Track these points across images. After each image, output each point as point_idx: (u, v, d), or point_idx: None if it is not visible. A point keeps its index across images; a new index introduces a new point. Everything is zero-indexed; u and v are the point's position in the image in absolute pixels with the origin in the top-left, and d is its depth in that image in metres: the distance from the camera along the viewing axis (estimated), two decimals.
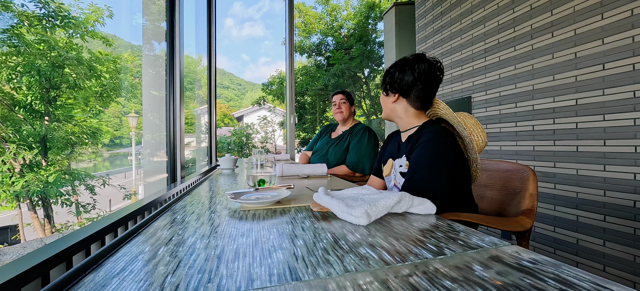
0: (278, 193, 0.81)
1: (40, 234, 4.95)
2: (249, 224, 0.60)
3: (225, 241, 0.50)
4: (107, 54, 6.02)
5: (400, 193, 0.63)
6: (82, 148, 5.82)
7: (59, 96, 5.25)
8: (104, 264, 0.42)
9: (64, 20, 4.89)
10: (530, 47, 2.29)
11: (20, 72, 4.82)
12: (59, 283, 0.36)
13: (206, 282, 0.36)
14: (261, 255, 0.44)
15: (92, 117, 6.24)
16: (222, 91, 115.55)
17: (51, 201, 5.06)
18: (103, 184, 6.04)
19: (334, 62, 8.09)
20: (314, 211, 0.67)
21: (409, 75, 1.01)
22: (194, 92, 3.59)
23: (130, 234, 0.55)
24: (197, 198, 0.92)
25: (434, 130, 0.97)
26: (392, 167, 1.14)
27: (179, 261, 0.43)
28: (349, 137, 2.24)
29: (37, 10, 4.66)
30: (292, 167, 1.39)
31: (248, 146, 6.70)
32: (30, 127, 4.94)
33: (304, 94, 8.48)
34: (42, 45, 4.71)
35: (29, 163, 4.84)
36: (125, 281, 0.36)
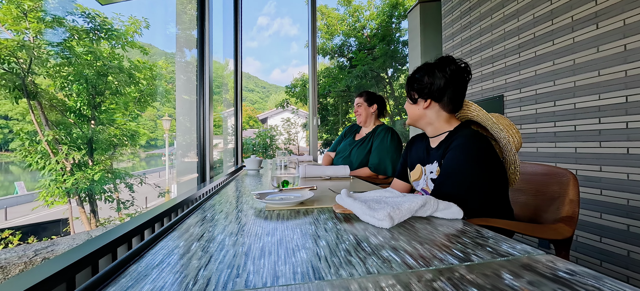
0: (301, 194, 0.83)
1: (87, 228, 5.45)
2: (273, 224, 0.62)
3: (251, 240, 0.53)
4: (144, 62, 6.49)
5: (425, 196, 0.62)
6: (122, 149, 6.33)
7: (103, 101, 5.75)
8: (145, 256, 0.46)
9: (107, 33, 5.36)
10: (571, 40, 2.11)
11: (71, 80, 5.35)
12: (106, 272, 0.40)
13: (235, 277, 0.38)
14: (286, 253, 0.46)
15: (131, 120, 6.75)
16: (247, 94, 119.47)
17: (96, 197, 5.55)
18: (140, 182, 6.51)
19: (356, 63, 8.04)
20: (337, 212, 0.67)
21: (439, 78, 0.97)
22: (222, 95, 3.76)
23: (166, 229, 0.60)
24: (225, 197, 0.96)
25: (467, 134, 0.93)
26: (422, 173, 1.11)
27: (210, 256, 0.45)
28: (371, 138, 2.22)
29: (85, 25, 5.15)
30: (315, 168, 1.40)
31: (272, 147, 6.87)
32: (79, 130, 5.46)
33: (326, 96, 8.51)
34: (89, 56, 5.20)
35: (78, 163, 5.35)
36: (163, 272, 0.40)
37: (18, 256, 2.07)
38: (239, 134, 3.55)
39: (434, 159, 1.03)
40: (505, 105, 2.74)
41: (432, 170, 1.02)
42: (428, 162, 1.07)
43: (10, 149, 5.43)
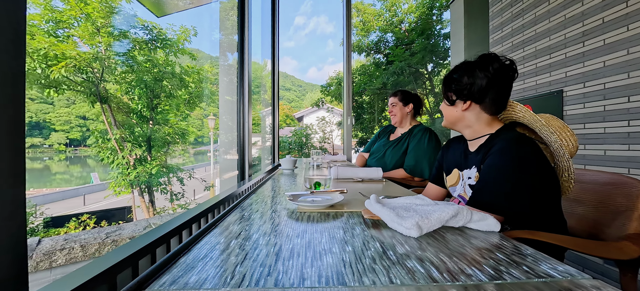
0: (332, 197, 0.85)
1: (146, 216, 6.18)
2: (304, 226, 0.66)
3: (282, 240, 0.57)
4: (193, 67, 7.08)
5: (457, 206, 0.60)
6: (174, 146, 7.01)
7: (159, 103, 6.43)
8: (192, 250, 0.53)
9: (162, 42, 5.97)
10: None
11: (133, 86, 6.09)
12: (162, 262, 0.47)
13: (266, 275, 0.42)
14: (313, 256, 0.48)
15: (181, 120, 7.44)
16: (284, 92, 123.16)
17: (153, 189, 6.26)
18: (189, 176, 7.15)
19: (393, 60, 7.78)
20: (365, 218, 0.68)
21: (481, 78, 0.91)
22: (260, 95, 3.94)
23: (210, 226, 0.67)
24: (261, 196, 1.03)
25: (510, 137, 0.87)
26: (460, 178, 1.06)
27: (246, 254, 0.50)
28: (407, 139, 2.15)
29: (145, 36, 5.81)
30: (347, 170, 1.41)
31: (307, 145, 7.01)
32: (140, 129, 6.19)
33: (361, 94, 8.40)
34: (148, 64, 5.86)
35: (139, 158, 6.08)
36: (207, 265, 0.45)
37: (93, 237, 2.43)
38: (275, 132, 3.69)
39: (472, 164, 0.97)
40: (564, 101, 2.44)
41: (470, 176, 0.96)
42: (466, 167, 1.02)
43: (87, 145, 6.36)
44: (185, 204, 6.96)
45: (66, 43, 4.86)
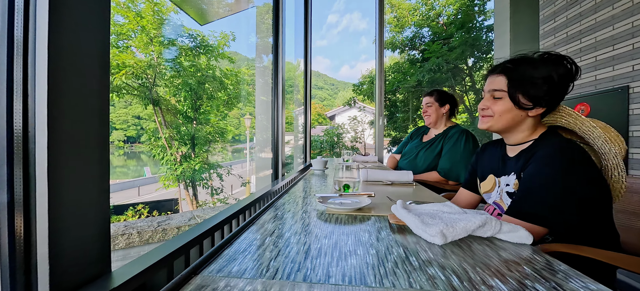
0: (359, 200, 0.88)
1: (190, 208, 6.74)
2: (331, 227, 0.70)
3: (311, 240, 0.62)
4: (231, 70, 7.52)
5: (485, 216, 0.59)
6: (214, 144, 7.53)
7: (202, 105, 6.96)
8: (233, 244, 0.61)
9: (205, 48, 6.45)
10: None
11: (179, 89, 6.66)
12: (210, 253, 0.55)
13: (296, 271, 0.47)
14: (338, 256, 0.52)
15: (221, 120, 7.95)
16: (316, 91, 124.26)
17: (196, 183, 6.81)
18: (227, 173, 7.62)
19: (429, 56, 7.43)
20: (391, 222, 0.71)
21: (553, 81, 0.83)
22: (294, 95, 4.05)
23: (248, 223, 0.74)
24: (293, 197, 1.10)
25: (555, 143, 0.81)
26: (495, 184, 1.02)
27: (279, 250, 0.56)
28: (442, 141, 2.08)
29: (190, 43, 6.33)
30: (377, 173, 1.43)
31: (338, 145, 7.03)
32: (185, 129, 6.77)
33: (395, 92, 8.18)
34: (192, 68, 6.39)
35: (184, 155, 6.65)
36: (246, 259, 0.52)
37: (148, 225, 2.73)
38: (308, 132, 3.78)
39: (511, 170, 0.93)
40: (630, 99, 2.16)
41: (508, 183, 0.92)
42: (503, 173, 0.97)
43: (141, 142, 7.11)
44: (224, 198, 7.44)
45: (126, 53, 5.53)
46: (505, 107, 0.91)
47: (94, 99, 0.46)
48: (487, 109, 0.96)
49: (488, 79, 0.98)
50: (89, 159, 0.45)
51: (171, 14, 6.00)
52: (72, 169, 0.43)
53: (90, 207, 0.47)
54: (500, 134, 1.00)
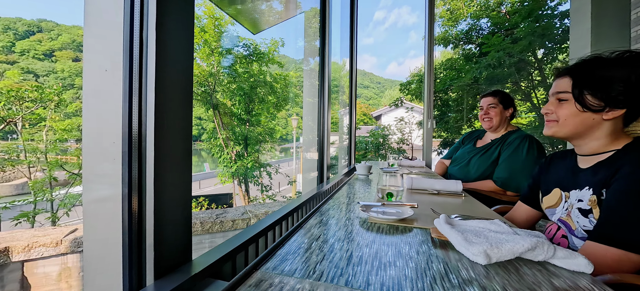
0: (402, 211, 0.90)
1: (243, 203, 7.34)
2: (373, 236, 0.74)
3: (353, 247, 0.67)
4: (280, 74, 7.94)
5: (536, 239, 0.56)
6: (264, 144, 8.05)
7: (253, 108, 7.52)
8: (285, 245, 0.69)
9: (257, 56, 6.95)
10: None
11: (235, 93, 7.28)
12: (267, 252, 0.64)
13: (339, 275, 0.53)
14: (378, 266, 0.57)
15: (270, 121, 8.45)
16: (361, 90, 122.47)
17: (248, 180, 7.38)
18: (276, 171, 8.07)
19: (488, 50, 6.75)
20: (433, 236, 0.71)
21: (620, 81, 0.75)
22: (338, 95, 4.09)
23: (297, 228, 0.83)
24: (337, 203, 1.16)
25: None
26: (561, 199, 0.93)
27: (324, 255, 0.63)
28: (499, 146, 1.92)
29: (244, 52, 6.89)
30: (422, 181, 1.40)
31: (384, 147, 6.87)
32: (239, 130, 7.39)
33: (446, 91, 7.63)
34: (246, 74, 6.95)
35: (238, 154, 7.26)
36: (295, 260, 0.60)
37: (208, 217, 3.08)
38: (352, 133, 3.79)
39: (585, 184, 0.83)
40: None
41: (582, 198, 0.83)
42: (574, 187, 0.88)
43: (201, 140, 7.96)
44: (272, 195, 7.91)
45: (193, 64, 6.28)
46: (570, 110, 0.83)
47: (182, 108, 0.58)
48: (551, 114, 0.88)
49: (554, 83, 0.91)
50: (179, 159, 0.58)
51: (228, 26, 6.63)
52: (168, 167, 0.56)
53: (179, 205, 0.59)
54: (569, 141, 0.90)
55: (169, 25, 0.54)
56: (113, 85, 0.54)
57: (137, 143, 0.54)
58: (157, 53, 0.52)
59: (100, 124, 0.56)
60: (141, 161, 0.54)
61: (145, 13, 0.52)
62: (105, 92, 0.55)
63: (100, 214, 0.56)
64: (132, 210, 0.53)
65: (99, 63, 0.55)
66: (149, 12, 0.52)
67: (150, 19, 0.52)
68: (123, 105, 0.54)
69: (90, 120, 0.57)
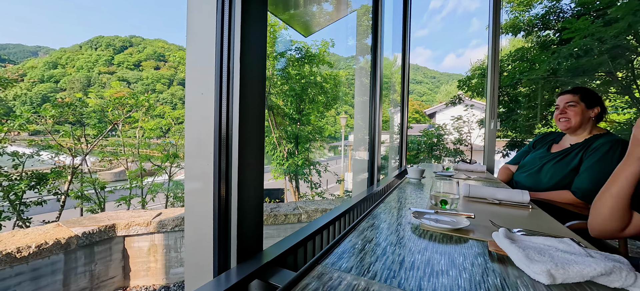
0: (457, 220, 0.88)
1: (294, 199, 7.72)
2: (425, 243, 0.76)
3: (405, 252, 0.70)
4: (330, 74, 8.08)
5: (612, 263, 0.52)
6: (314, 143, 8.31)
7: (304, 108, 7.82)
8: (340, 244, 0.76)
9: (308, 58, 7.21)
10: None
11: (287, 94, 7.68)
12: (325, 250, 0.72)
13: (391, 277, 0.57)
14: (430, 273, 0.59)
15: (319, 120, 8.66)
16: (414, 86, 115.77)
17: (299, 178, 7.73)
18: (325, 169, 8.27)
19: (570, 36, 5.74)
20: (490, 250, 0.70)
21: None
22: (390, 94, 3.97)
23: (351, 229, 0.89)
24: (389, 207, 1.18)
25: None
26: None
27: (377, 257, 0.68)
28: (581, 152, 1.68)
29: (296, 55, 7.21)
30: (482, 189, 1.32)
31: (439, 147, 6.43)
32: (290, 129, 7.77)
33: (516, 85, 6.75)
34: (297, 76, 7.28)
35: (289, 152, 7.65)
36: (350, 259, 0.66)
37: (264, 209, 3.33)
38: (404, 132, 3.67)
39: None
40: None
41: None
42: None
43: None
44: (321, 192, 8.12)
45: None
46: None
47: (258, 120, 0.70)
48: None
49: None
50: (256, 156, 0.70)
51: (282, 31, 7.03)
52: (248, 164, 0.68)
53: (256, 199, 0.71)
54: None
55: (248, 57, 0.65)
56: (207, 104, 0.68)
57: (225, 148, 0.67)
58: (241, 79, 0.64)
59: (198, 133, 0.71)
60: (228, 162, 0.67)
61: (232, 49, 0.65)
62: (202, 110, 0.70)
63: (196, 204, 0.71)
64: (221, 203, 0.66)
65: (197, 89, 0.69)
66: (234, 48, 0.64)
67: (235, 54, 0.64)
68: (214, 119, 0.67)
69: (191, 131, 0.72)
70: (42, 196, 3.92)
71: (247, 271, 0.61)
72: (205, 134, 0.69)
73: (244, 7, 0.64)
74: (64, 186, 4.24)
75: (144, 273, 2.89)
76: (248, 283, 0.61)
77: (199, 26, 0.70)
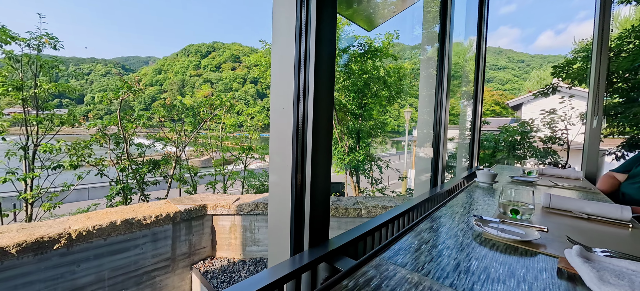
0: (524, 232, 0.85)
1: (354, 193, 7.83)
2: (485, 251, 0.77)
3: (462, 256, 0.73)
4: (394, 67, 7.79)
5: None
6: (376, 138, 8.20)
7: (366, 103, 7.78)
8: (398, 242, 0.83)
9: (371, 53, 7.11)
10: None
11: (349, 90, 7.75)
12: (383, 245, 0.81)
13: (444, 277, 0.63)
14: (485, 279, 0.62)
15: (382, 114, 8.48)
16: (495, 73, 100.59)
17: (359, 173, 7.78)
18: (386, 166, 8.10)
19: None
20: (560, 266, 0.67)
21: None
22: (461, 83, 3.58)
23: (408, 229, 0.95)
24: (451, 211, 1.18)
25: None
26: None
27: (432, 257, 0.73)
28: None
29: (359, 50, 7.20)
30: (567, 200, 1.18)
31: (523, 146, 5.53)
32: (352, 125, 7.84)
33: (636, 70, 5.27)
34: (360, 72, 7.27)
35: (350, 147, 7.74)
36: (406, 256, 0.73)
37: None
38: (477, 129, 3.33)
39: None
40: None
41: None
42: None
43: None
44: (382, 188, 8.00)
45: None
46: None
47: (326, 126, 0.82)
48: None
49: None
50: (325, 152, 0.83)
51: (345, 27, 7.10)
52: (319, 160, 0.81)
53: (324, 190, 0.84)
54: None
55: (320, 77, 0.78)
56: (287, 116, 0.84)
57: (302, 143, 0.81)
58: (315, 97, 0.77)
59: (280, 137, 0.88)
60: (304, 156, 0.81)
61: (308, 72, 0.78)
62: (283, 119, 0.86)
63: (278, 194, 0.89)
64: (297, 193, 0.81)
65: (279, 105, 0.86)
66: (309, 70, 0.78)
67: (310, 75, 0.78)
68: (293, 127, 0.83)
69: (274, 137, 0.89)
70: (156, 178, 5.01)
71: (317, 254, 0.75)
72: (286, 138, 0.84)
73: (319, 10, 0.76)
74: (170, 171, 5.32)
75: (227, 247, 3.44)
76: (317, 265, 0.75)
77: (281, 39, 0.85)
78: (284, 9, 0.82)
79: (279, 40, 0.84)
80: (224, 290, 0.50)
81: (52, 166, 3.96)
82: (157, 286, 2.85)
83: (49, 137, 4.17)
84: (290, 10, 0.80)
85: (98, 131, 4.53)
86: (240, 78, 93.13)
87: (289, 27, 0.80)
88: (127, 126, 4.70)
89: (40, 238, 2.08)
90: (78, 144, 4.28)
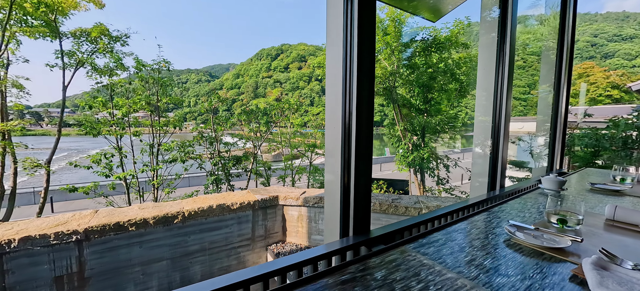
0: (557, 241, 0.90)
1: (418, 192, 7.58)
2: (507, 251, 0.87)
3: (480, 254, 0.86)
4: (465, 55, 7.16)
5: None
6: (443, 134, 7.71)
7: (433, 98, 7.38)
8: (426, 237, 1.00)
9: (436, 46, 6.71)
10: None
11: (414, 84, 7.48)
12: (411, 238, 1.00)
13: (456, 266, 0.79)
14: (493, 272, 0.75)
15: (451, 108, 7.90)
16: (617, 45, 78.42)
17: (425, 171, 7.48)
18: (454, 165, 7.54)
19: None
20: (574, 272, 0.74)
21: None
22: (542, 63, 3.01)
23: (439, 228, 1.09)
24: (493, 217, 1.24)
25: None
26: None
27: (452, 251, 0.88)
28: None
29: (423, 44, 6.88)
30: (636, 215, 1.09)
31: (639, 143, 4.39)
32: (417, 121, 7.57)
33: None
34: (424, 66, 6.95)
35: (415, 145, 7.50)
36: (430, 248, 0.90)
37: (385, 199, 3.65)
38: (559, 121, 2.79)
39: None
40: None
41: None
42: None
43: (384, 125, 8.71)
44: (450, 189, 7.50)
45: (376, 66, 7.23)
46: None
47: (366, 126, 1.04)
48: None
49: None
50: (366, 147, 1.05)
51: (408, 19, 6.88)
52: (362, 154, 1.04)
53: (366, 184, 1.07)
54: None
55: (361, 82, 1.01)
56: (336, 115, 1.09)
57: (347, 147, 1.06)
58: (358, 97, 1.01)
59: (332, 135, 1.13)
60: (349, 155, 1.06)
61: (351, 78, 1.02)
62: (334, 116, 1.11)
63: (331, 190, 1.15)
64: (344, 189, 1.07)
65: (331, 106, 1.11)
66: (351, 76, 1.02)
67: (353, 81, 1.01)
68: (342, 125, 1.07)
69: (328, 136, 1.16)
70: (238, 171, 5.99)
71: (359, 239, 0.99)
72: (337, 136, 1.09)
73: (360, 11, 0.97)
74: (249, 165, 6.26)
75: (295, 234, 3.94)
76: (359, 247, 0.99)
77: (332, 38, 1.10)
78: (333, 11, 1.04)
79: (330, 39, 1.07)
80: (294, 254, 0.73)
81: (169, 159, 5.24)
82: (241, 260, 3.53)
83: (165, 138, 5.51)
84: (338, 11, 1.00)
85: (198, 133, 5.72)
86: (306, 76, 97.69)
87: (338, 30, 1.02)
88: (218, 128, 5.77)
89: (167, 213, 2.87)
90: (185, 143, 5.50)
